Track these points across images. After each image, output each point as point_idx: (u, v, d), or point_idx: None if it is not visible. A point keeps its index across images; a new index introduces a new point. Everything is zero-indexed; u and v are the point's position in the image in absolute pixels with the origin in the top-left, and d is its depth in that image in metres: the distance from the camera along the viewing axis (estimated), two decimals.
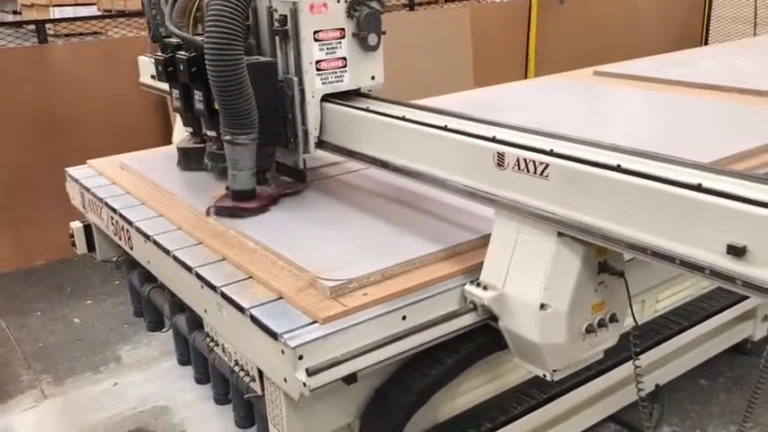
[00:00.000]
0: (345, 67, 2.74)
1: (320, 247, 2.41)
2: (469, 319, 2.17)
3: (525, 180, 2.03)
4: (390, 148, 2.52)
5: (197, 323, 2.69)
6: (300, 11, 2.59)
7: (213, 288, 2.25)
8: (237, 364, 2.31)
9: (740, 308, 3.52)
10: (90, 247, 3.53)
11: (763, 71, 4.58)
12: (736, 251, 1.59)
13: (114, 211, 2.98)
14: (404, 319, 2.07)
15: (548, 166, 1.96)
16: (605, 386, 3.02)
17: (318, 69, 2.68)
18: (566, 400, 2.86)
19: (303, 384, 1.87)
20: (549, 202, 1.98)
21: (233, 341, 2.29)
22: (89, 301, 4.74)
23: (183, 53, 2.81)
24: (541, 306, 2.00)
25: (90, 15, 6.54)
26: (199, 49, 2.65)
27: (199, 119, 3.06)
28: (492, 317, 2.14)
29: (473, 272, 2.21)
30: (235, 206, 2.69)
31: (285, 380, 1.95)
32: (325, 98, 2.74)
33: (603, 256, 2.04)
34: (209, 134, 2.98)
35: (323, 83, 2.71)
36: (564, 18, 7.77)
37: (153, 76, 3.54)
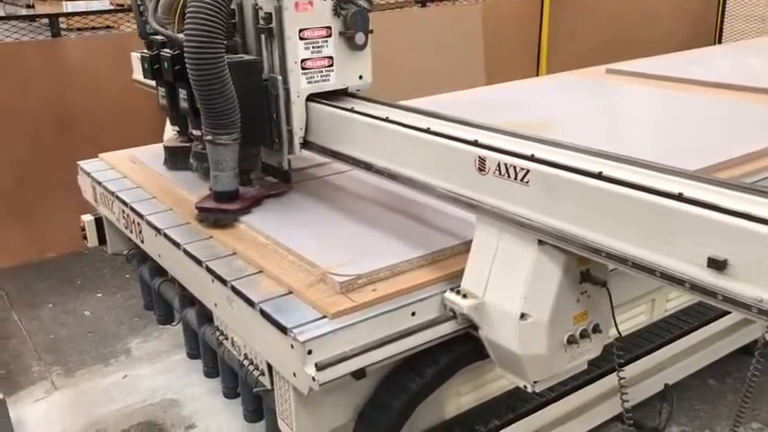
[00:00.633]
0: (332, 66, 2.68)
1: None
2: (449, 327, 2.12)
3: (506, 186, 1.98)
4: (373, 150, 2.46)
5: (207, 317, 2.70)
6: (285, 8, 2.54)
7: (223, 282, 2.26)
8: (247, 357, 2.32)
9: None
10: (101, 240, 3.56)
11: None
12: (717, 264, 1.52)
13: (126, 204, 2.99)
14: (413, 315, 2.08)
15: (528, 171, 1.91)
16: (612, 385, 3.00)
17: (304, 68, 2.62)
18: (573, 398, 2.85)
19: (312, 379, 1.88)
20: (530, 209, 1.93)
21: (242, 335, 2.30)
22: (100, 294, 4.77)
23: (168, 51, 2.75)
24: (521, 316, 1.95)
25: (103, 9, 6.56)
26: (183, 46, 2.56)
27: (185, 117, 3.00)
28: (473, 325, 2.10)
29: None
30: (216, 207, 2.62)
31: (294, 374, 1.96)
32: (311, 98, 2.68)
33: (586, 265, 1.99)
34: (194, 133, 2.90)
35: (308, 82, 2.65)
36: (576, 15, 7.73)
37: None
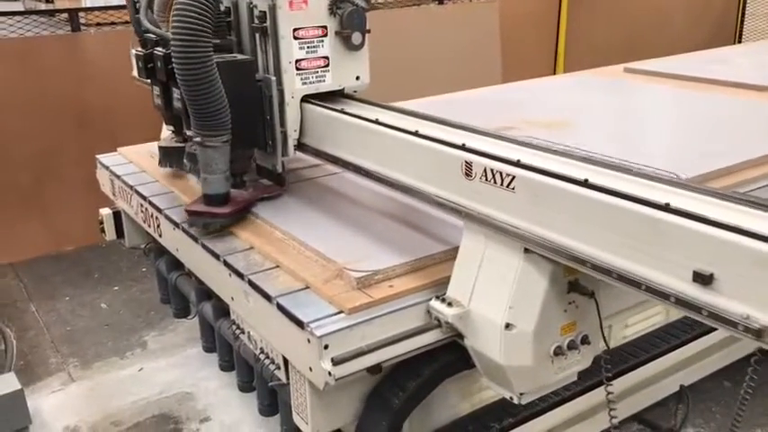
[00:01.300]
0: (327, 66, 2.63)
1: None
2: (433, 336, 2.08)
3: (492, 192, 1.93)
4: (363, 153, 2.42)
5: (223, 311, 2.72)
6: (279, 7, 2.49)
7: (241, 276, 2.27)
8: (263, 352, 2.33)
9: None
10: (119, 233, 3.58)
11: None
12: (703, 279, 1.47)
13: (144, 198, 3.01)
14: (429, 311, 2.07)
15: (514, 178, 1.86)
16: (629, 385, 3.00)
17: (298, 69, 2.57)
18: (588, 398, 2.84)
19: (328, 374, 1.89)
20: (515, 216, 1.88)
21: (259, 329, 2.31)
22: (116, 287, 4.80)
23: (161, 50, 2.69)
24: (506, 326, 1.90)
25: (122, 5, 6.59)
26: None
27: (179, 117, 2.92)
28: (458, 334, 2.05)
29: None
30: (206, 211, 2.55)
31: (310, 369, 1.97)
32: (306, 99, 2.63)
33: (574, 274, 1.92)
34: (188, 134, 2.84)
35: (303, 83, 2.60)
36: (595, 14, 7.69)
37: None
